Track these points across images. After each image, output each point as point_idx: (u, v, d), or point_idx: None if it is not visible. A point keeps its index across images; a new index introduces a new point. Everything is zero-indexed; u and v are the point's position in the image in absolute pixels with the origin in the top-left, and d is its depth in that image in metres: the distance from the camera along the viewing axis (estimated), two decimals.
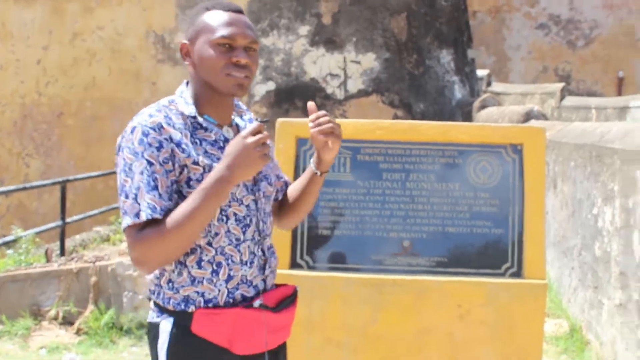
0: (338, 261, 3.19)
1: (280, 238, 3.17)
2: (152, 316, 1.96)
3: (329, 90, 11.69)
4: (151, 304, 1.98)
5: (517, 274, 3.12)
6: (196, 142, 1.88)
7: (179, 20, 11.67)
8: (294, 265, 3.18)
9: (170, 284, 1.90)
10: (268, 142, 1.88)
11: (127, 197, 1.79)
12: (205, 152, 1.88)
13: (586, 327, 4.58)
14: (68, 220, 7.68)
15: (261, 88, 11.72)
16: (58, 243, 7.72)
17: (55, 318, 5.04)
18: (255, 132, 1.78)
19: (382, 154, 3.23)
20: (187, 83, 1.99)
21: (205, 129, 1.91)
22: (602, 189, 4.33)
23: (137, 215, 1.78)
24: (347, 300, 3.13)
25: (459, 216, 3.18)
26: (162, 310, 1.91)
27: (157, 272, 1.92)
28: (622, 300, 3.97)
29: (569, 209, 5.04)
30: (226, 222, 1.90)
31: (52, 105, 11.88)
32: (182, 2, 11.68)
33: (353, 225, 3.20)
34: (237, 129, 2.01)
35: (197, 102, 1.94)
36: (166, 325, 1.89)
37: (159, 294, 1.93)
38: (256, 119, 1.83)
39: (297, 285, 3.11)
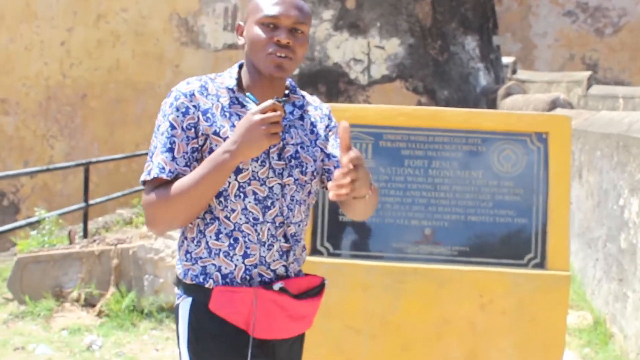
0: (359, 248, 3.16)
1: None
2: (175, 300, 1.97)
3: (352, 76, 11.63)
4: (175, 289, 1.97)
5: (540, 265, 3.07)
6: (226, 115, 1.87)
7: (203, 3, 11.64)
8: (314, 251, 3.15)
9: (189, 255, 1.90)
10: (282, 121, 1.86)
11: (149, 153, 1.86)
12: (233, 125, 1.86)
13: (610, 319, 4.52)
14: (91, 202, 7.72)
15: None
16: (81, 225, 7.77)
17: (77, 300, 5.07)
18: (265, 110, 1.74)
19: (405, 141, 3.19)
20: (241, 64, 1.99)
21: (243, 105, 1.90)
22: (629, 179, 4.26)
23: (149, 172, 1.82)
24: (367, 288, 3.10)
25: (482, 205, 3.14)
26: (182, 287, 1.91)
27: (178, 241, 1.94)
28: None
29: (594, 200, 4.97)
30: (243, 200, 1.87)
31: (76, 87, 11.93)
32: None
33: (374, 212, 3.17)
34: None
35: (246, 80, 1.94)
36: (185, 307, 1.89)
37: (179, 267, 1.93)
38: (275, 98, 1.78)
39: (316, 271, 3.11)
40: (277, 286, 1.86)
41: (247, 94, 1.91)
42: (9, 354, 4.46)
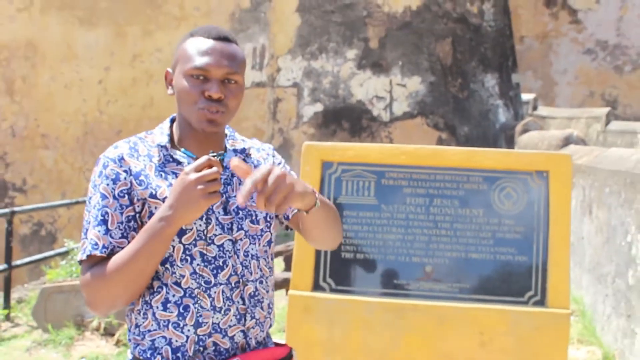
0: (360, 284, 3.09)
1: (303, 259, 3.08)
2: None
3: (375, 112, 11.59)
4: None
5: (541, 303, 2.97)
6: (161, 175, 1.67)
7: None
8: (316, 287, 3.08)
9: (137, 329, 1.68)
10: (221, 177, 1.67)
11: (83, 230, 1.66)
12: (171, 184, 1.66)
13: (619, 355, 4.36)
14: None
15: (309, 109, 11.68)
16: None
17: (97, 329, 5.04)
18: (200, 168, 1.52)
19: (407, 179, 3.12)
20: (173, 118, 1.80)
21: (179, 163, 1.69)
22: (635, 216, 4.13)
23: (84, 251, 1.62)
24: (368, 324, 3.02)
25: (483, 242, 3.05)
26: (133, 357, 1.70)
27: (126, 312, 1.72)
28: None
29: (603, 235, 4.83)
30: (190, 263, 1.65)
31: (112, 123, 12.06)
32: (235, 27, 11.76)
33: (376, 249, 3.10)
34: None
35: (179, 135, 1.74)
36: None
37: (130, 342, 1.72)
38: (210, 153, 1.59)
39: (318, 307, 3.04)
40: None
41: (182, 149, 1.72)
42: None
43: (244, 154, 1.82)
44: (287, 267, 5.99)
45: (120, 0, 12.07)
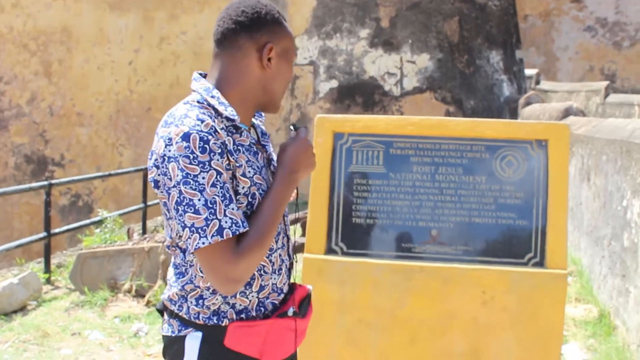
0: (370, 248, 3.06)
1: (317, 225, 3.06)
2: (170, 329, 1.64)
3: (387, 88, 11.49)
4: (166, 316, 1.67)
5: (540, 264, 2.92)
6: (238, 150, 1.57)
7: None
8: (329, 250, 3.06)
9: (200, 301, 1.60)
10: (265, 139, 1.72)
11: (197, 212, 1.45)
12: (248, 160, 1.58)
13: (614, 313, 4.32)
14: (149, 203, 7.76)
15: (325, 85, 11.60)
16: (140, 223, 7.82)
17: (129, 291, 5.07)
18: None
19: (413, 148, 3.07)
20: (214, 80, 1.63)
21: (240, 133, 1.60)
22: (631, 182, 4.06)
23: (220, 232, 1.45)
24: (377, 285, 2.99)
25: (485, 208, 3.00)
26: (185, 323, 1.61)
27: (186, 286, 1.60)
28: None
29: (600, 201, 4.76)
30: None
31: (141, 101, 12.05)
32: None
33: (385, 214, 3.06)
34: (255, 131, 1.73)
35: (231, 104, 1.61)
36: (194, 340, 1.59)
37: (181, 307, 1.62)
38: (293, 125, 1.65)
39: (331, 269, 3.02)
40: (290, 312, 1.65)
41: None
42: (67, 338, 4.48)
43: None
44: (304, 233, 5.98)
45: None
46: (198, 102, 1.58)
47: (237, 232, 1.47)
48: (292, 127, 1.70)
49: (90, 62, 12.26)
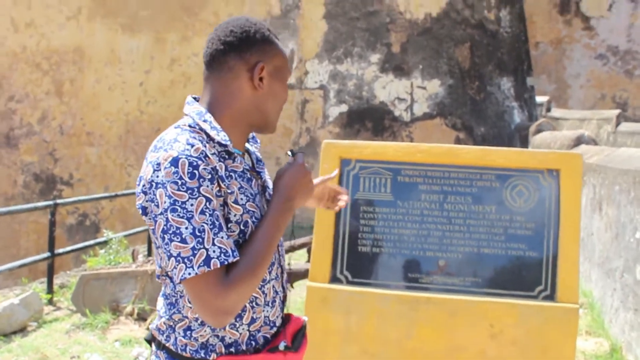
0: (376, 277, 2.99)
1: (321, 253, 3.00)
2: None
3: (397, 113, 11.46)
4: (154, 347, 1.60)
5: (550, 297, 2.84)
6: (231, 176, 1.50)
7: None
8: (334, 279, 2.99)
9: (188, 332, 1.53)
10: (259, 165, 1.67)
11: (184, 241, 1.39)
12: (241, 187, 1.52)
13: (626, 347, 4.21)
14: None
15: (335, 110, 11.59)
16: (146, 245, 7.77)
17: (131, 314, 4.99)
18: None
19: (422, 176, 3.02)
20: (206, 104, 1.58)
21: (233, 159, 1.54)
22: None
23: (207, 262, 1.39)
24: (383, 315, 2.92)
25: (495, 238, 2.93)
26: (173, 356, 1.55)
27: (174, 316, 1.53)
28: None
29: (612, 232, 4.67)
30: None
31: (151, 122, 12.07)
32: None
33: (391, 243, 2.99)
34: (250, 157, 1.66)
35: (223, 128, 1.55)
36: None
37: (169, 337, 1.55)
38: (291, 151, 1.61)
39: (335, 298, 2.95)
40: (282, 346, 1.59)
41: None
42: None
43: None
44: (310, 259, 5.91)
45: (160, 8, 12.07)
46: (190, 126, 1.53)
47: (226, 262, 1.41)
48: (289, 153, 1.63)
49: (102, 82, 12.31)
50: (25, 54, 12.54)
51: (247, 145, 1.69)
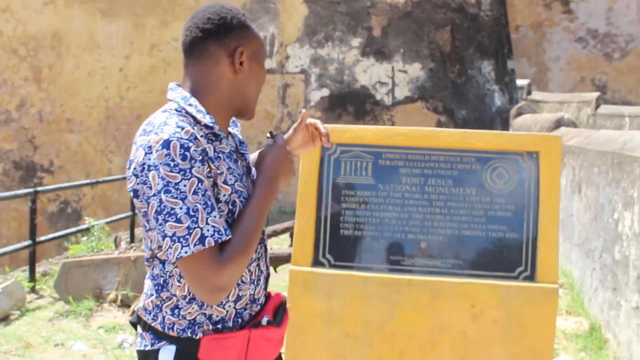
0: (358, 260, 3.00)
1: (303, 237, 3.00)
2: (143, 342, 1.60)
3: (378, 97, 11.46)
4: (139, 329, 1.62)
5: (530, 278, 2.88)
6: (219, 157, 1.55)
7: None
8: (316, 263, 3.00)
9: (176, 311, 1.56)
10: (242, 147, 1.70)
11: (179, 221, 1.43)
12: (229, 168, 1.56)
13: (605, 326, 4.27)
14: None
15: (316, 94, 11.57)
16: (128, 231, 7.74)
17: (114, 301, 4.99)
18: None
19: (402, 159, 3.03)
20: (188, 90, 1.60)
21: (220, 141, 1.58)
22: (622, 194, 4.02)
23: (202, 241, 1.43)
24: (365, 298, 2.94)
25: (475, 220, 2.96)
26: (159, 336, 1.57)
27: (162, 294, 1.56)
28: (638, 303, 3.66)
29: (592, 213, 4.73)
30: None
31: (132, 108, 11.98)
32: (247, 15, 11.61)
33: (373, 226, 3.01)
34: (233, 139, 1.70)
35: (208, 112, 1.59)
36: (167, 354, 1.56)
37: (156, 316, 1.58)
38: (270, 133, 1.66)
39: (318, 281, 2.96)
40: (264, 320, 1.62)
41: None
42: (50, 349, 4.39)
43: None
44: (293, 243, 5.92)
45: None
46: (176, 110, 1.56)
47: (220, 240, 1.46)
48: (268, 135, 1.69)
49: (81, 68, 12.18)
50: (2, 39, 12.36)
51: (229, 129, 1.71)
